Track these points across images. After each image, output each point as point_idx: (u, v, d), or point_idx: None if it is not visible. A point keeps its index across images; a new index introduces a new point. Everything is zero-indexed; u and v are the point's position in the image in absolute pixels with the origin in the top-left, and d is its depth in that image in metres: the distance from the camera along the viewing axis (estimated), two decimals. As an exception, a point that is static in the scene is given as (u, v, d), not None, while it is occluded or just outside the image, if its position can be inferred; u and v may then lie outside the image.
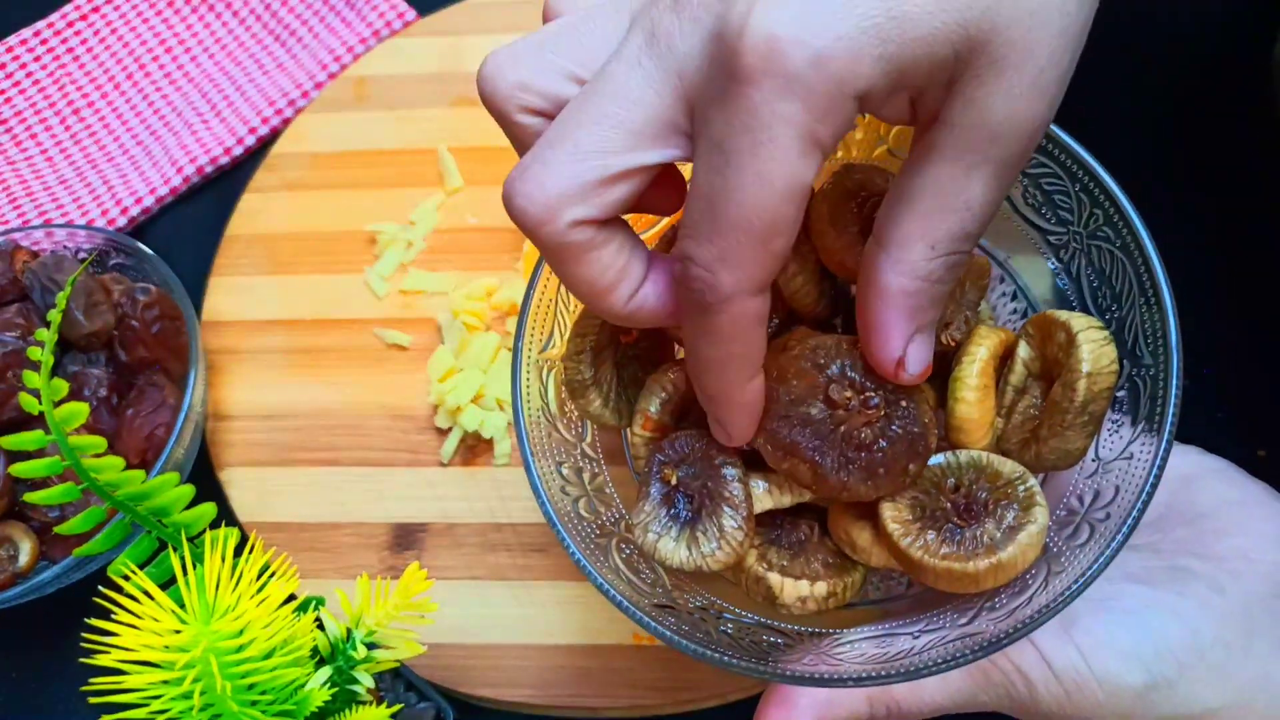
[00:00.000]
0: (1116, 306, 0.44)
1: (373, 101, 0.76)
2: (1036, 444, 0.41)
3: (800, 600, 0.41)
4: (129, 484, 0.45)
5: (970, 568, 0.39)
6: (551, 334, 0.46)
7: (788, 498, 0.42)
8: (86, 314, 0.59)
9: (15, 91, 0.79)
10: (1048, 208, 0.45)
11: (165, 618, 0.38)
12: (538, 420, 0.45)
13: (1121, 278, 0.43)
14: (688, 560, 0.40)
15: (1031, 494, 0.40)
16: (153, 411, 0.59)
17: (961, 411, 0.41)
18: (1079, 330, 0.40)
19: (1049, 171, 0.44)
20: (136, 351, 0.60)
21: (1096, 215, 0.44)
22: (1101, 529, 0.40)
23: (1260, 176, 0.69)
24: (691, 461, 0.41)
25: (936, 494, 0.41)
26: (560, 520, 0.43)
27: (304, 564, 0.60)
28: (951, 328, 0.43)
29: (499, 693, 0.56)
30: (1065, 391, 0.40)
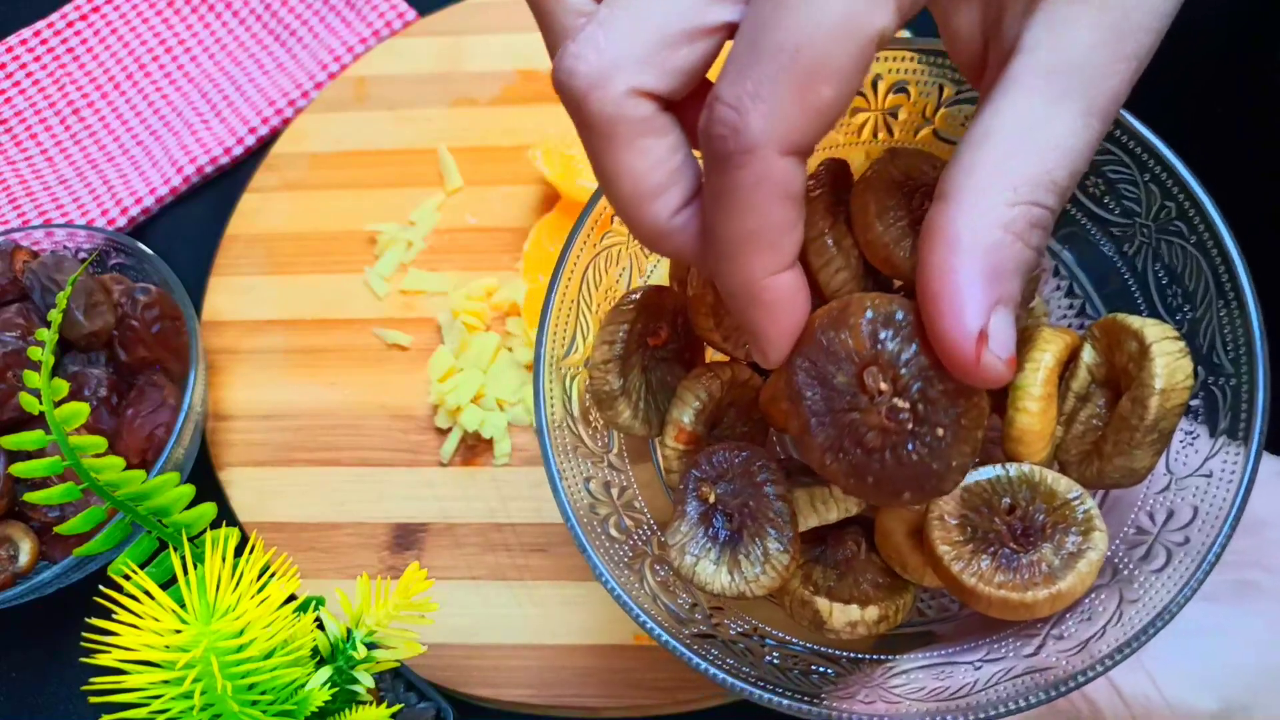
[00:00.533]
0: (1189, 307, 0.40)
1: (373, 101, 0.76)
2: (1099, 460, 0.38)
3: (850, 626, 0.39)
4: (129, 484, 0.45)
5: (1028, 598, 0.36)
6: (574, 338, 0.43)
7: (833, 513, 0.39)
8: (87, 314, 0.59)
9: (15, 91, 0.79)
10: (1111, 197, 0.41)
11: (166, 617, 0.38)
12: (561, 432, 0.42)
13: (1196, 276, 0.39)
14: (730, 585, 0.38)
15: (1090, 517, 0.37)
16: (153, 411, 0.59)
17: (1023, 423, 0.38)
18: (1153, 341, 0.37)
19: (1114, 158, 0.40)
20: (136, 351, 0.60)
21: (1168, 208, 0.40)
22: (1180, 555, 0.37)
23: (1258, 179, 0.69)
24: (730, 478, 0.38)
25: (989, 514, 0.37)
26: (593, 548, 0.39)
27: (304, 564, 0.60)
28: None
29: (499, 693, 0.56)
30: (1135, 408, 0.37)
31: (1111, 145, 0.40)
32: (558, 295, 0.42)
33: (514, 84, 0.76)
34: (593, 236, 0.43)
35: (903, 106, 0.44)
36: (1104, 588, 0.38)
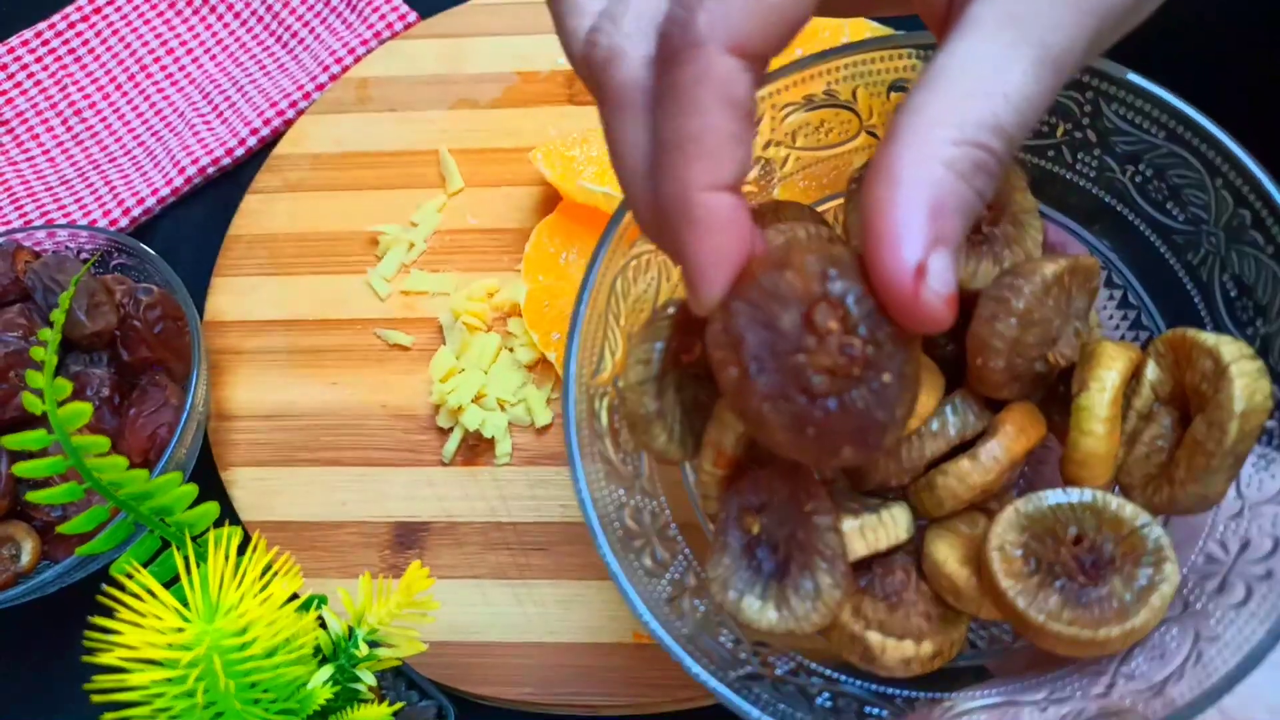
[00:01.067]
0: (1262, 321, 0.37)
1: (374, 103, 0.76)
2: (1170, 486, 0.36)
3: (904, 663, 0.36)
4: (132, 483, 0.45)
5: (1100, 635, 0.33)
6: (601, 355, 0.41)
7: (884, 541, 0.37)
8: (89, 314, 0.59)
9: (17, 92, 0.79)
10: (1174, 203, 0.39)
11: (168, 616, 0.38)
12: (592, 456, 0.39)
13: (1271, 289, 0.37)
14: (778, 623, 0.35)
15: (1161, 547, 0.34)
16: (155, 411, 0.59)
17: (1088, 446, 0.35)
18: (1231, 360, 0.34)
19: (1179, 160, 0.38)
20: (139, 351, 0.60)
21: (1242, 215, 0.37)
22: (1263, 589, 0.34)
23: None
24: (775, 507, 0.36)
25: (1054, 544, 0.35)
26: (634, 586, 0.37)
27: (306, 563, 0.60)
28: (1060, 343, 0.36)
29: (500, 691, 0.56)
30: (1212, 431, 0.34)
31: (1179, 148, 0.38)
32: (586, 309, 0.39)
33: (515, 86, 0.76)
34: (621, 245, 0.40)
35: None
36: (1174, 621, 0.36)
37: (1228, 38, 0.73)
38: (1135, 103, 0.37)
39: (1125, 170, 0.39)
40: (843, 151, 0.44)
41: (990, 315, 0.35)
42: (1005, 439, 0.36)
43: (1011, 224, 0.38)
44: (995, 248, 0.37)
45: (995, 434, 0.36)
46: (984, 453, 0.36)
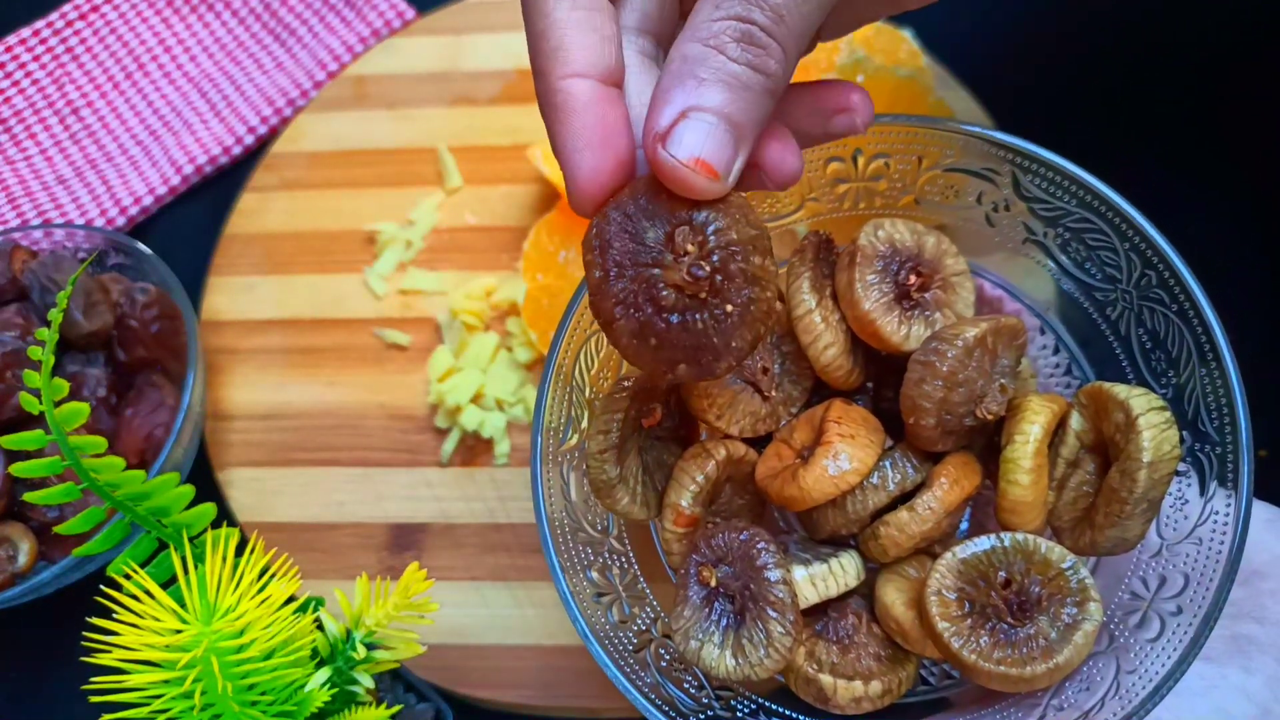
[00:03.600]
0: (1173, 372, 0.41)
1: (372, 101, 0.76)
2: (1091, 531, 0.39)
3: (855, 701, 0.39)
4: (129, 484, 0.45)
5: (1027, 673, 0.36)
6: (568, 424, 0.43)
7: (834, 589, 0.40)
8: (86, 314, 0.59)
9: (14, 91, 0.79)
10: (1093, 264, 0.43)
11: (166, 617, 0.38)
12: (561, 523, 0.42)
13: (1178, 343, 0.40)
14: (735, 670, 0.38)
15: (1085, 587, 0.37)
16: (152, 411, 0.59)
17: (1015, 495, 0.39)
18: (1139, 413, 0.37)
19: (1094, 227, 0.42)
20: (135, 351, 0.60)
21: (1149, 276, 0.41)
22: (1174, 624, 0.37)
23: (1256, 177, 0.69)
24: (731, 560, 0.39)
25: (986, 587, 0.38)
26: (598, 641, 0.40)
27: (303, 564, 0.60)
28: (986, 401, 0.40)
29: (498, 693, 0.56)
30: (1124, 480, 0.37)
31: (1092, 215, 0.41)
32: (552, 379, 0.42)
33: (513, 83, 0.76)
34: (582, 322, 0.43)
35: (884, 176, 0.45)
36: (1101, 655, 0.38)
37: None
38: (1049, 174, 0.41)
39: (1046, 233, 0.42)
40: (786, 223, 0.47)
41: (918, 378, 0.38)
42: (940, 490, 0.39)
43: (942, 288, 0.41)
44: (927, 311, 0.40)
45: (932, 485, 0.39)
46: (920, 504, 0.39)
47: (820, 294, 0.41)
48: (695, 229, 0.32)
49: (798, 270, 0.42)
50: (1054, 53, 0.76)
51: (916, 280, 0.41)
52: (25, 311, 0.60)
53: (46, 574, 0.55)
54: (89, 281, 0.60)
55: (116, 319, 0.60)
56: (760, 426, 0.43)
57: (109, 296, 0.60)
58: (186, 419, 0.58)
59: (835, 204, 0.46)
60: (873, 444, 0.40)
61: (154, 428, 0.58)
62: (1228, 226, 0.68)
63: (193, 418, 0.59)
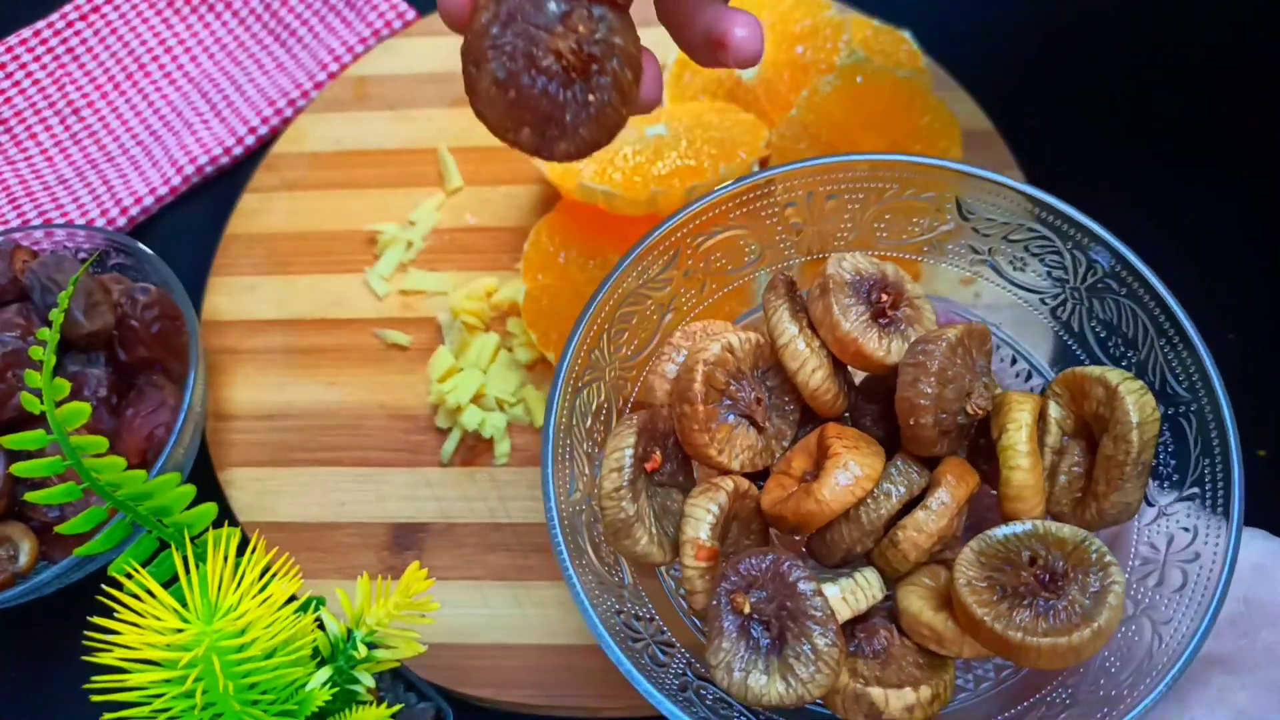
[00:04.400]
0: (1133, 352, 0.43)
1: (373, 101, 0.76)
2: (1096, 501, 0.41)
3: (907, 710, 0.39)
4: (130, 484, 0.45)
5: (1075, 639, 0.36)
6: (571, 479, 0.44)
7: (863, 602, 0.40)
8: (86, 314, 0.59)
9: (15, 91, 0.79)
10: (1036, 271, 0.45)
11: (167, 616, 0.38)
12: (585, 573, 0.42)
13: (1133, 324, 0.43)
14: (787, 693, 0.38)
15: (1102, 554, 0.38)
16: (153, 411, 0.59)
17: (1018, 480, 0.40)
18: (1118, 383, 0.40)
19: (1035, 235, 0.44)
20: (136, 351, 0.60)
21: (1095, 268, 0.43)
22: (1195, 570, 0.39)
23: (1254, 175, 0.69)
24: (762, 583, 0.39)
25: (1013, 570, 0.39)
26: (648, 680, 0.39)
27: (304, 564, 0.60)
28: (974, 396, 0.41)
29: (499, 693, 0.56)
30: (1119, 445, 0.40)
31: (1033, 223, 0.44)
32: (553, 446, 0.43)
33: (514, 84, 0.76)
34: (575, 368, 0.45)
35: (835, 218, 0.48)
36: (1130, 620, 0.40)
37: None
38: (987, 190, 0.44)
39: (991, 249, 0.45)
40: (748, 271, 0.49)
41: (912, 379, 0.40)
42: (949, 486, 0.40)
43: (909, 307, 0.44)
44: (902, 327, 0.42)
45: (939, 485, 0.40)
46: (934, 501, 0.40)
47: (799, 323, 0.43)
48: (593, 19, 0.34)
49: (774, 304, 0.44)
50: (1053, 53, 0.76)
51: (889, 298, 0.43)
52: (26, 312, 0.60)
53: (47, 574, 0.55)
54: (90, 282, 0.60)
55: (117, 319, 0.60)
56: (758, 460, 0.44)
57: (110, 297, 0.60)
58: (187, 419, 0.58)
59: (794, 248, 0.48)
60: (877, 453, 0.42)
61: (155, 427, 0.59)
62: (1228, 226, 0.68)
63: (194, 418, 0.59)
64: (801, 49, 0.69)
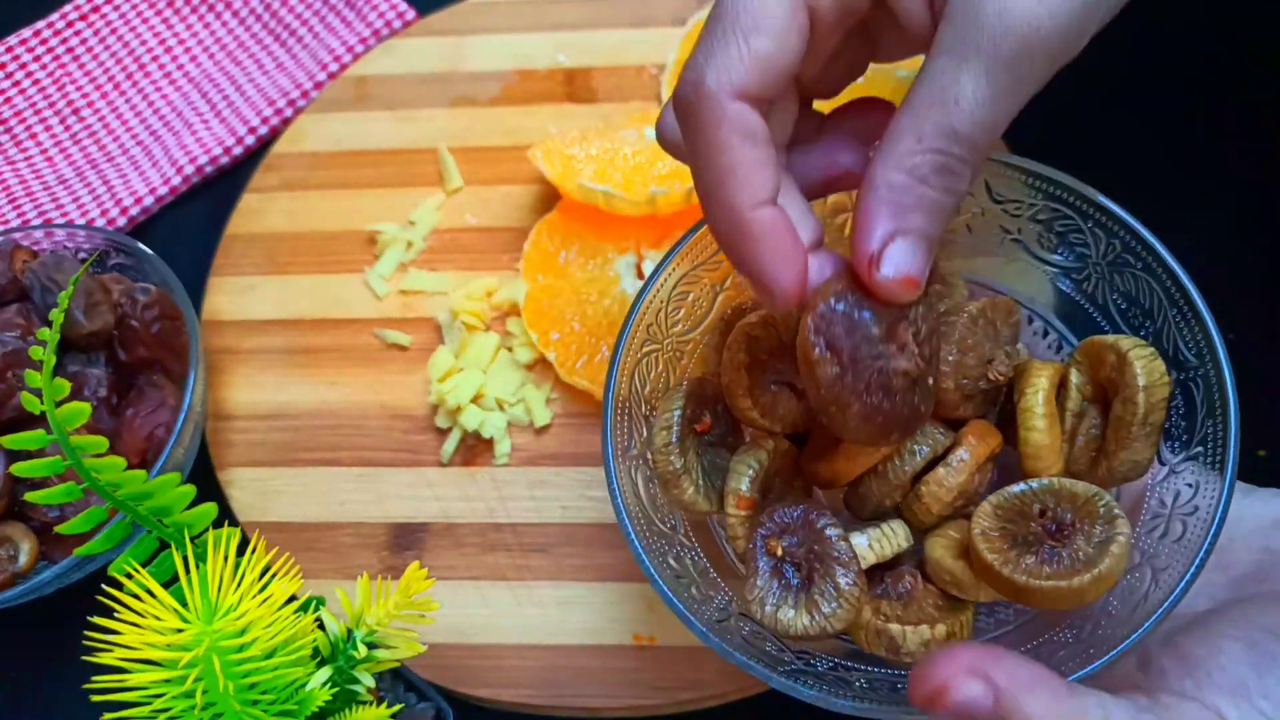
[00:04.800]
0: (1150, 322, 0.46)
1: (373, 101, 0.76)
2: (1106, 459, 0.43)
3: (924, 644, 0.42)
4: (130, 484, 0.45)
5: (1075, 583, 0.39)
6: (630, 436, 0.47)
7: (889, 549, 0.44)
8: (86, 314, 0.59)
9: (15, 91, 0.79)
10: (1064, 248, 0.48)
11: (167, 616, 0.38)
12: (638, 520, 0.46)
13: (1149, 295, 0.46)
14: (811, 625, 0.42)
15: (1110, 508, 0.41)
16: (153, 411, 0.59)
17: (1035, 440, 0.44)
18: (1128, 349, 0.43)
19: (1059, 214, 0.47)
20: (136, 351, 0.60)
21: (1114, 245, 0.46)
22: (1192, 522, 0.42)
23: (1254, 174, 0.69)
24: (793, 530, 0.43)
25: (1024, 521, 0.42)
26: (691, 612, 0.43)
27: (304, 564, 0.60)
28: (995, 363, 0.45)
29: (499, 693, 0.56)
30: (1126, 406, 0.43)
31: (1058, 205, 0.47)
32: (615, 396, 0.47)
33: (514, 84, 0.76)
34: (633, 343, 0.48)
35: None
36: (1136, 569, 0.43)
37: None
38: (1015, 176, 0.47)
39: (1020, 229, 0.48)
40: None
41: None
42: (969, 446, 0.44)
43: (942, 284, 0.48)
44: (932, 301, 0.44)
45: (960, 444, 0.44)
46: (954, 458, 0.44)
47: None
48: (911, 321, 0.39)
49: None
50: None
51: None
52: (26, 311, 0.60)
53: (47, 574, 0.55)
54: (90, 282, 0.60)
55: (117, 319, 0.60)
56: (799, 423, 0.47)
57: (110, 297, 0.60)
58: (187, 419, 0.58)
59: (837, 235, 0.51)
60: None
61: (155, 427, 0.58)
62: (1229, 225, 0.68)
63: (194, 418, 0.59)
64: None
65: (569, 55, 0.77)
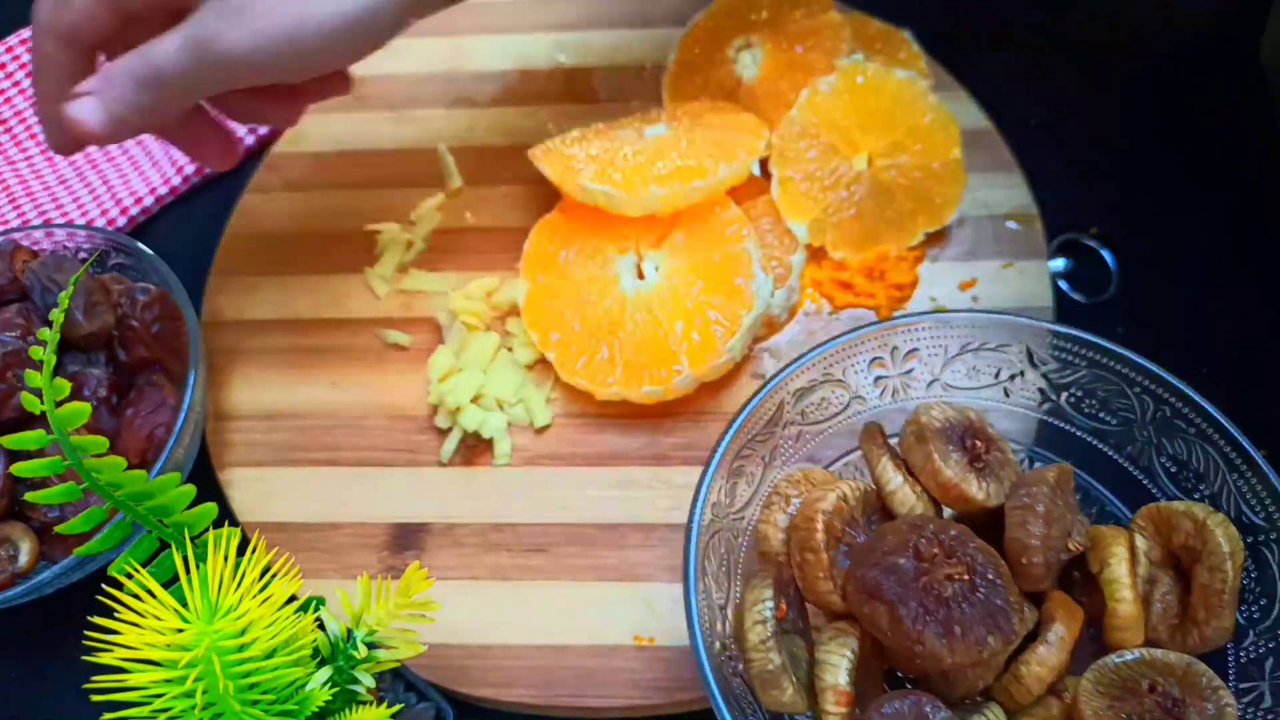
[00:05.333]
0: (1205, 485, 0.46)
1: (373, 101, 0.76)
2: (1197, 628, 0.44)
3: None
4: (130, 484, 0.45)
5: None
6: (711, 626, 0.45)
7: None
8: (86, 314, 0.59)
9: (15, 91, 0.79)
10: (1106, 412, 0.49)
11: (168, 616, 0.38)
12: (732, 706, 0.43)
13: (1203, 459, 0.46)
14: None
15: (1211, 679, 0.41)
16: (153, 411, 0.59)
17: (1124, 611, 0.44)
18: (1205, 516, 0.44)
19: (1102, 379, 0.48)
20: (136, 351, 0.60)
21: (1163, 410, 0.47)
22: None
23: (1253, 173, 0.69)
24: None
25: (1133, 698, 0.42)
26: None
27: (304, 564, 0.60)
28: (1074, 534, 0.45)
29: (499, 693, 0.56)
30: (1215, 575, 0.43)
31: (1100, 370, 0.48)
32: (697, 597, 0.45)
33: (514, 84, 0.76)
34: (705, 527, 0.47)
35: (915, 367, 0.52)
36: None
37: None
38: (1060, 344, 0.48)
39: (1060, 395, 0.49)
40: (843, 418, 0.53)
41: (1020, 520, 0.43)
42: (1064, 621, 0.43)
43: (997, 450, 0.48)
44: (994, 469, 0.46)
45: (1054, 620, 0.43)
46: (1052, 635, 0.43)
47: (902, 471, 0.47)
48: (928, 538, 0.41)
49: (876, 454, 0.48)
50: (1053, 54, 0.76)
51: (981, 444, 0.47)
52: (26, 311, 0.60)
53: (47, 574, 0.55)
54: (89, 282, 0.60)
55: (117, 319, 0.60)
56: None
57: (110, 297, 0.60)
58: (188, 419, 0.58)
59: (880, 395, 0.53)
60: None
61: (155, 427, 0.58)
62: (1230, 224, 0.68)
63: (194, 417, 0.59)
64: (802, 48, 0.69)
65: (569, 55, 0.77)
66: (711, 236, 0.63)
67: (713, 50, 0.71)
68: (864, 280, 0.65)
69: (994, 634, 0.40)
